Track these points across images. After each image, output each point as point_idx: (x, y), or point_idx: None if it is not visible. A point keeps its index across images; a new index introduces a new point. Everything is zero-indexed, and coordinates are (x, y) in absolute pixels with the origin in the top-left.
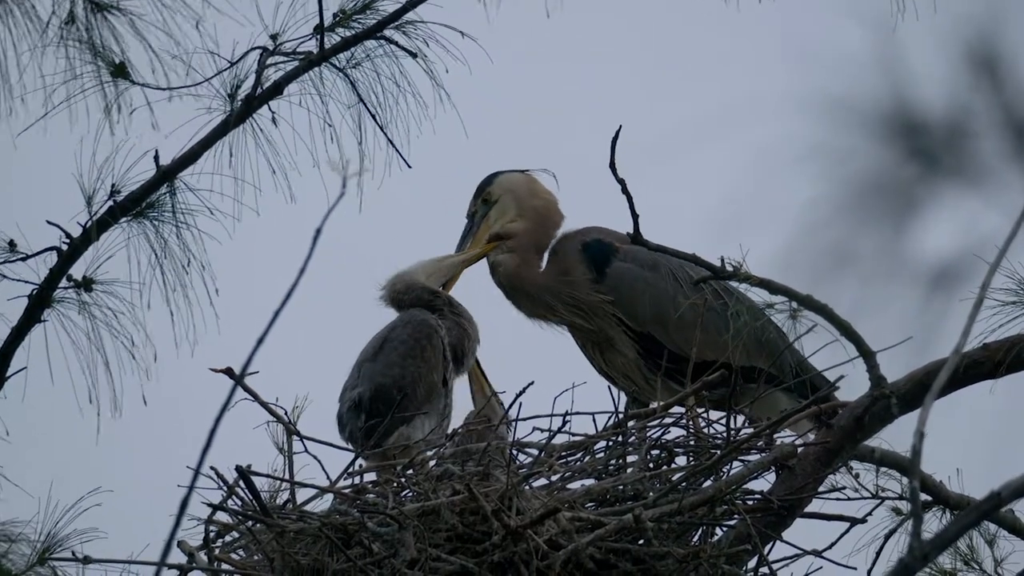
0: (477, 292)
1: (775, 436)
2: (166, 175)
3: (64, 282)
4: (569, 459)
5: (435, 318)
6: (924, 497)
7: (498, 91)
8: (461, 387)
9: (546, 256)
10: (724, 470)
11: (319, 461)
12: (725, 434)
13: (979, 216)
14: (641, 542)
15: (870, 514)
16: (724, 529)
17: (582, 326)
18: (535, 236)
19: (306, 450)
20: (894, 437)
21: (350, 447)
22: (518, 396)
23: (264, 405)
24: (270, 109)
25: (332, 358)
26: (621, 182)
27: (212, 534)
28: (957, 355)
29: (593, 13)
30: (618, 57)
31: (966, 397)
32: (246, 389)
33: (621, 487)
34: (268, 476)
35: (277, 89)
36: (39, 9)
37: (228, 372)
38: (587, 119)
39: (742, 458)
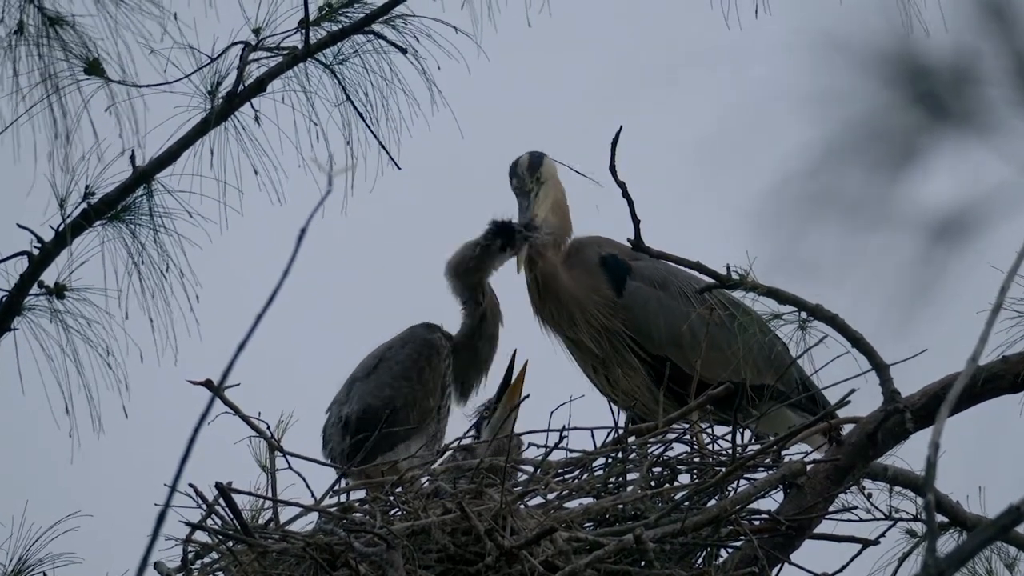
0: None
1: (783, 453)
2: (143, 176)
3: (35, 288)
4: (566, 476)
5: (440, 338)
6: (940, 518)
7: (494, 88)
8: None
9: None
10: (729, 488)
11: (303, 478)
12: (730, 451)
13: (984, 167)
14: (642, 564)
15: (883, 536)
16: (729, 551)
17: (589, 348)
18: (560, 234)
19: (290, 467)
20: (909, 455)
21: (335, 464)
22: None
23: (245, 419)
24: (253, 107)
25: (320, 369)
26: (622, 185)
27: (190, 555)
28: (972, 364)
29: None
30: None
31: (986, 414)
32: (226, 402)
33: (621, 506)
34: (250, 494)
35: (260, 86)
36: None
37: (207, 384)
38: (587, 117)
39: (748, 476)
